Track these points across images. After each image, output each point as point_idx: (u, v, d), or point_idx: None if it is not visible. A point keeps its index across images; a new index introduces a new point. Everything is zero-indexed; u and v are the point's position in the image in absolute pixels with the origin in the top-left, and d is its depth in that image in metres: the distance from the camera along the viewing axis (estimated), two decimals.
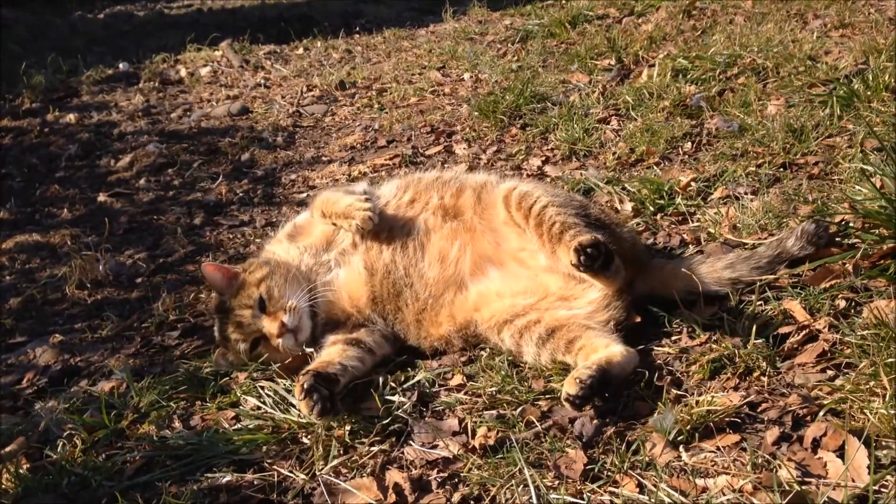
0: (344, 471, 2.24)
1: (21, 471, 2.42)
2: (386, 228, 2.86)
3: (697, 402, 2.18)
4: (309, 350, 2.77)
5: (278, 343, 2.75)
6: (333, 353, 2.67)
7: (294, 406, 2.50)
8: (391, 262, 2.80)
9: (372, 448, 2.30)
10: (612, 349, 2.39)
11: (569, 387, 2.26)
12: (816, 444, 1.97)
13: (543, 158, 4.37)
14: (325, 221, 2.94)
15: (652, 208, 3.49)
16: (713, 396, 2.20)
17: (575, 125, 4.54)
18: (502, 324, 2.64)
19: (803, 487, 1.80)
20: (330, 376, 2.48)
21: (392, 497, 2.09)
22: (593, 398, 2.26)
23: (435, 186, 2.97)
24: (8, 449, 2.61)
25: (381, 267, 2.81)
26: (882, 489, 1.77)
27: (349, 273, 2.86)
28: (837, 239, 2.76)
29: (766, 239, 2.92)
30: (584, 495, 1.94)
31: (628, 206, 3.56)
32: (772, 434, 2.03)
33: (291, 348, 2.76)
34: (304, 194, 4.54)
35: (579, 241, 2.41)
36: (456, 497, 2.05)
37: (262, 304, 2.79)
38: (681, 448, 2.06)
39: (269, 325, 2.76)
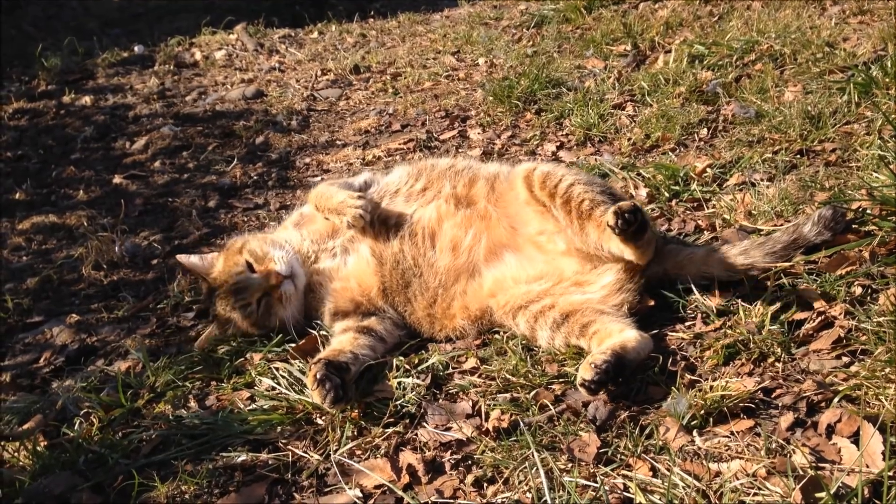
0: (358, 452, 2.25)
1: (38, 448, 2.44)
2: (395, 216, 2.87)
3: (711, 387, 2.18)
4: (322, 333, 2.79)
5: (280, 293, 2.81)
6: (345, 341, 2.68)
7: (308, 387, 2.51)
8: (399, 252, 2.81)
9: (386, 430, 2.31)
10: (627, 334, 2.40)
11: (584, 372, 2.26)
12: (831, 429, 1.96)
13: (558, 144, 4.36)
14: (320, 215, 2.97)
15: (667, 194, 3.48)
16: (727, 382, 2.19)
17: (590, 111, 4.53)
18: (517, 309, 2.64)
19: (817, 473, 1.80)
20: (341, 365, 2.50)
21: (406, 478, 2.10)
22: (608, 383, 2.26)
23: (448, 175, 2.96)
24: (26, 426, 2.64)
25: (390, 256, 2.82)
26: None
27: (357, 261, 2.88)
28: (854, 226, 2.74)
29: (781, 225, 2.90)
30: (597, 478, 1.95)
31: (643, 192, 3.55)
32: (786, 419, 2.03)
33: (291, 295, 2.83)
34: (319, 178, 4.54)
35: (619, 206, 2.43)
36: (469, 479, 2.06)
37: (251, 266, 2.86)
38: (694, 433, 2.06)
39: (264, 280, 2.82)
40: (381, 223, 2.86)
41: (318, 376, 2.40)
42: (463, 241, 2.79)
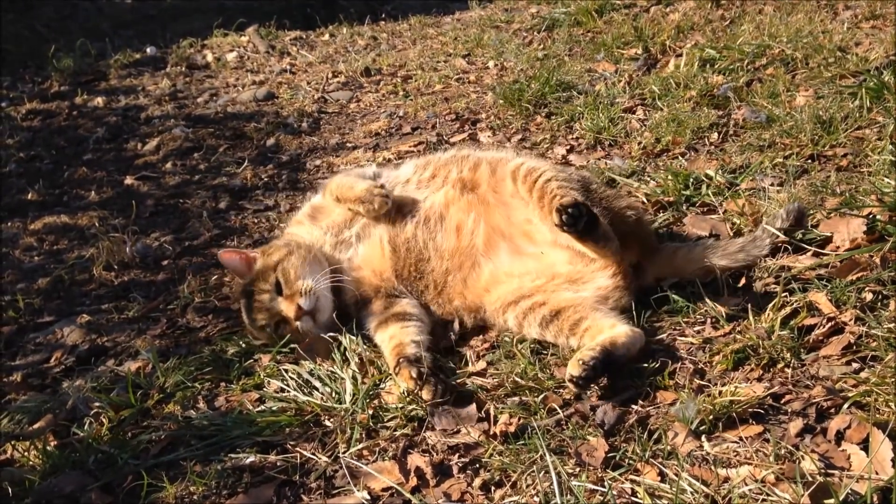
0: (366, 454, 2.25)
1: (48, 448, 2.46)
2: (408, 202, 2.91)
3: (720, 392, 2.17)
4: (331, 334, 2.77)
5: (297, 325, 2.77)
6: (396, 333, 2.69)
7: (317, 389, 2.52)
8: (413, 238, 2.85)
9: (394, 432, 2.31)
10: (618, 329, 2.42)
11: (572, 368, 2.29)
12: (840, 436, 1.96)
13: (568, 147, 4.35)
14: (341, 206, 2.97)
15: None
16: (736, 387, 2.19)
17: (600, 114, 4.52)
18: (507, 305, 2.67)
19: (826, 479, 1.80)
20: (418, 357, 2.52)
21: (414, 480, 2.10)
22: (597, 379, 2.30)
23: (454, 161, 3.02)
24: (36, 426, 2.66)
25: (403, 242, 2.86)
26: None
27: (370, 248, 2.90)
28: (864, 232, 2.74)
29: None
30: (606, 483, 1.95)
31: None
32: (795, 425, 2.02)
33: (311, 331, 2.77)
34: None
35: (560, 203, 2.50)
36: (477, 482, 2.06)
37: (279, 287, 2.80)
38: (703, 438, 2.06)
39: (287, 308, 2.77)
40: (395, 211, 2.90)
41: (414, 375, 2.41)
42: (466, 223, 2.83)
